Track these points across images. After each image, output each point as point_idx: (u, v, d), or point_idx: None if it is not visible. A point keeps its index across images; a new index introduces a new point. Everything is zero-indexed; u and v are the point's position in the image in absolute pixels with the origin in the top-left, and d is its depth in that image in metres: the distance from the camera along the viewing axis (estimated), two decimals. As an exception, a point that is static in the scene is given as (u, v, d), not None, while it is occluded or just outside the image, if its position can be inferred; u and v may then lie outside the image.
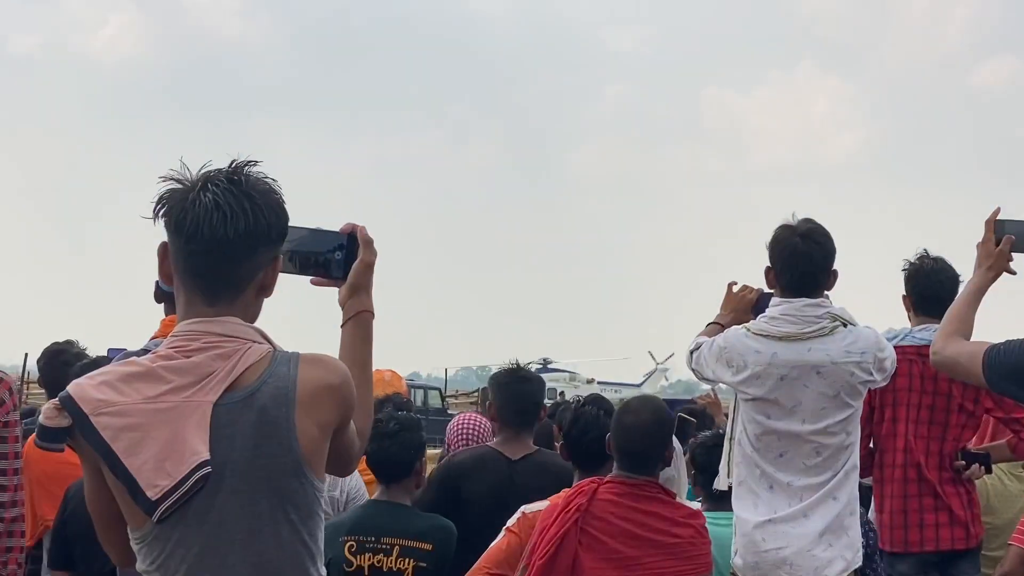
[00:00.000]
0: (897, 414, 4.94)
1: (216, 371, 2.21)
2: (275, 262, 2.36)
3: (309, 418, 2.23)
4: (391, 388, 6.93)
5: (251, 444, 2.20)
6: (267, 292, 2.37)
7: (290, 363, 2.26)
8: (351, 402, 2.35)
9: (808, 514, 4.01)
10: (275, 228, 2.30)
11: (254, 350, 2.25)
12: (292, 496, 2.24)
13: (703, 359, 4.25)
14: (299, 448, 2.22)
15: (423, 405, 33.54)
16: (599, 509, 3.61)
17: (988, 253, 3.67)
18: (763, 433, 4.08)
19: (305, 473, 2.24)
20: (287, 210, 2.35)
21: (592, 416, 4.22)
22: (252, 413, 2.20)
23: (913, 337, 4.96)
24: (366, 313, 2.62)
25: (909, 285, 5.14)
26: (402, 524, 4.18)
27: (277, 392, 2.22)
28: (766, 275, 4.21)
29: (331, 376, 2.30)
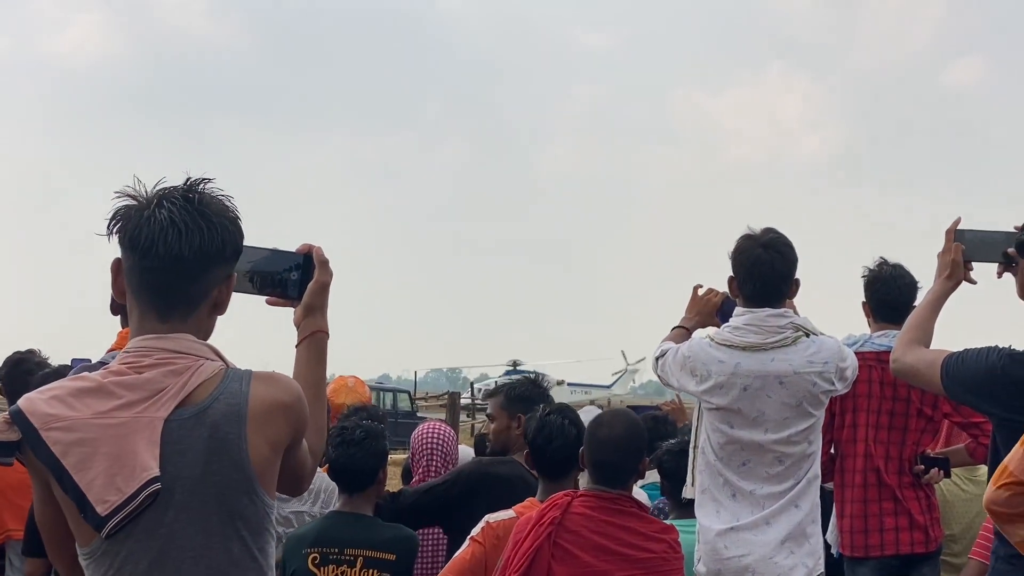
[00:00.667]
0: (857, 419, 4.98)
1: (168, 387, 2.21)
2: (229, 280, 2.36)
3: (261, 436, 2.24)
4: (354, 394, 6.88)
5: (202, 460, 2.20)
6: (220, 310, 2.37)
7: (242, 380, 2.27)
8: (303, 421, 2.35)
9: (770, 522, 4.04)
10: (229, 246, 2.31)
11: (207, 367, 2.26)
12: (243, 512, 2.24)
13: (668, 367, 4.26)
14: (250, 465, 2.22)
15: (392, 408, 33.50)
16: (573, 523, 3.61)
17: (947, 263, 3.69)
18: (726, 442, 4.10)
19: (256, 490, 2.24)
20: (242, 228, 2.35)
21: (557, 425, 4.21)
22: (203, 429, 2.20)
23: (872, 343, 4.99)
24: (320, 333, 2.63)
25: (868, 292, 5.18)
26: (365, 535, 4.17)
27: (229, 409, 2.22)
28: (729, 285, 4.23)
29: (284, 394, 2.30)
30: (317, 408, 2.55)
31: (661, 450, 4.89)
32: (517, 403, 4.69)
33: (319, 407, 2.57)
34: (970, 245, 3.66)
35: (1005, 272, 3.54)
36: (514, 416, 4.65)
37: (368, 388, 7.73)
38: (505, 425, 4.69)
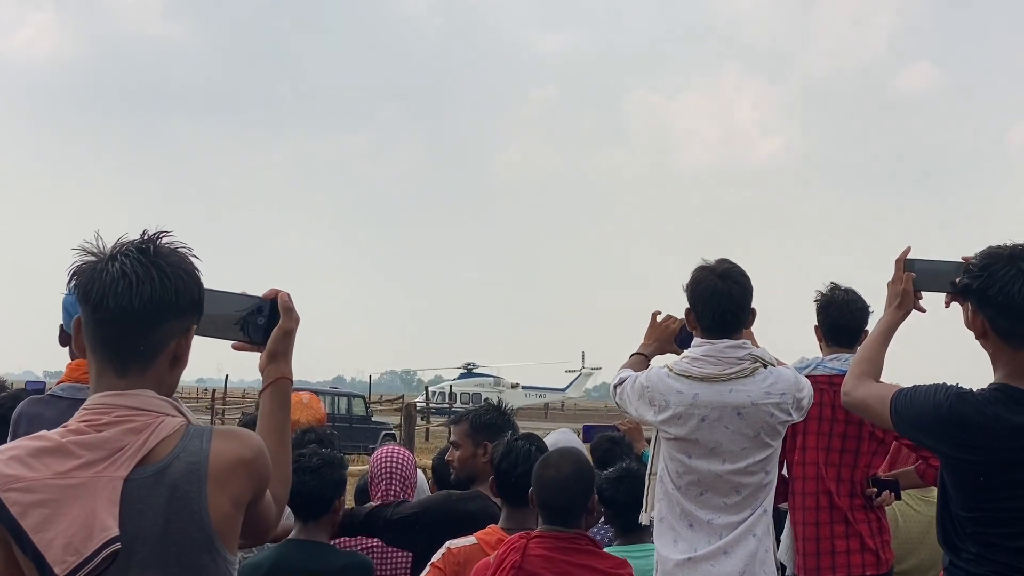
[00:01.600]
0: (807, 442, 5.03)
1: (127, 445, 2.19)
2: (188, 333, 2.34)
3: (222, 493, 2.23)
4: (309, 411, 6.87)
5: (162, 519, 2.19)
6: (181, 363, 2.35)
7: (203, 437, 2.25)
8: (265, 474, 2.34)
9: (728, 552, 4.05)
10: (184, 297, 2.29)
11: (167, 424, 2.24)
12: (203, 571, 2.23)
13: (626, 396, 4.27)
14: (211, 523, 2.21)
15: (347, 413, 33.37)
16: (532, 565, 3.61)
17: (898, 292, 3.71)
18: (684, 472, 4.11)
19: (217, 548, 2.23)
20: (199, 279, 2.34)
21: (523, 451, 4.21)
22: (163, 488, 2.19)
23: (824, 367, 5.04)
24: (284, 380, 2.62)
25: (820, 316, 5.24)
26: (320, 562, 4.16)
27: (189, 467, 2.21)
28: (687, 316, 4.24)
29: (245, 450, 2.29)
30: (281, 456, 2.55)
31: (599, 479, 4.88)
32: (483, 431, 4.69)
33: (283, 455, 2.57)
34: (919, 275, 3.70)
35: (953, 301, 3.59)
36: (479, 444, 4.65)
37: (322, 402, 7.72)
38: (471, 453, 4.69)
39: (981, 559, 3.26)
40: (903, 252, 3.75)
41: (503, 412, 4.83)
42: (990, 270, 3.26)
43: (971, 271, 3.34)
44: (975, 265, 3.32)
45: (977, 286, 3.28)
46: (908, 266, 3.72)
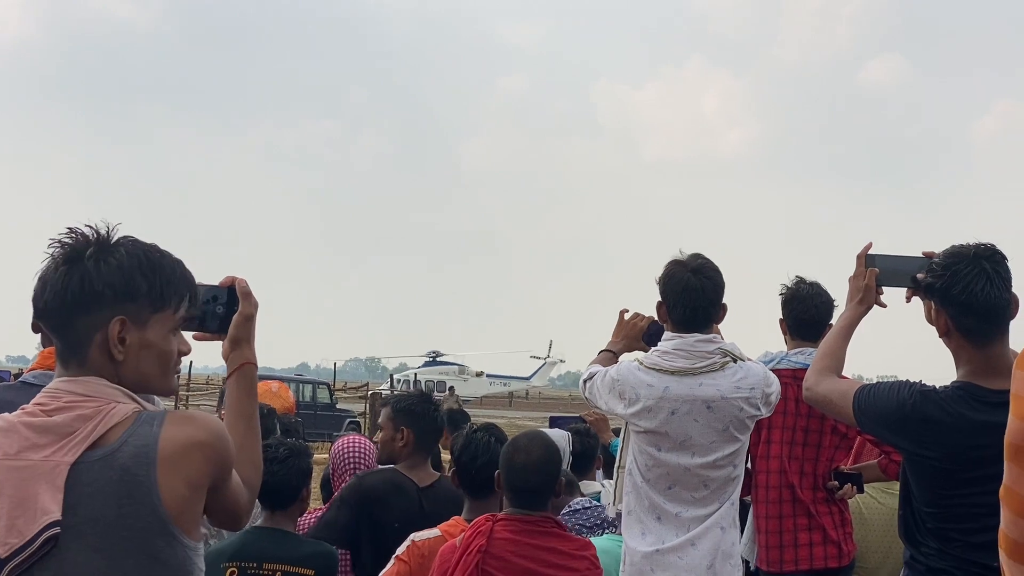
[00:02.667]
0: (771, 436, 5.07)
1: (77, 431, 2.21)
2: (116, 324, 2.31)
3: (175, 476, 2.22)
4: (278, 400, 6.87)
5: (113, 503, 2.19)
6: (118, 353, 2.32)
7: (154, 422, 2.25)
8: (226, 458, 2.34)
9: (696, 543, 4.08)
10: (106, 295, 2.29)
11: (118, 410, 2.25)
12: (159, 555, 2.22)
13: (596, 389, 4.28)
14: (163, 507, 2.20)
15: (312, 400, 33.30)
16: (498, 548, 3.62)
17: (859, 287, 3.74)
18: (653, 465, 4.13)
19: (173, 532, 2.22)
20: (134, 268, 2.33)
21: (483, 443, 4.24)
22: (113, 472, 2.19)
23: (788, 360, 5.08)
24: (248, 365, 2.64)
25: (785, 310, 5.27)
26: (284, 550, 4.16)
27: (138, 451, 2.21)
28: (658, 310, 4.26)
29: (200, 433, 2.28)
30: (251, 441, 2.57)
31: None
32: (402, 416, 4.80)
33: (253, 440, 2.58)
34: (880, 270, 3.73)
35: (913, 297, 3.62)
36: (398, 428, 4.77)
37: (291, 392, 7.72)
38: (390, 436, 4.81)
39: (941, 554, 3.29)
40: (864, 248, 3.77)
41: (427, 399, 4.92)
42: (953, 269, 3.28)
43: (934, 270, 3.35)
44: (939, 264, 3.34)
45: (940, 285, 3.31)
46: (869, 262, 3.73)
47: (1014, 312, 3.29)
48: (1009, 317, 3.29)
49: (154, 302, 2.35)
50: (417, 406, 4.83)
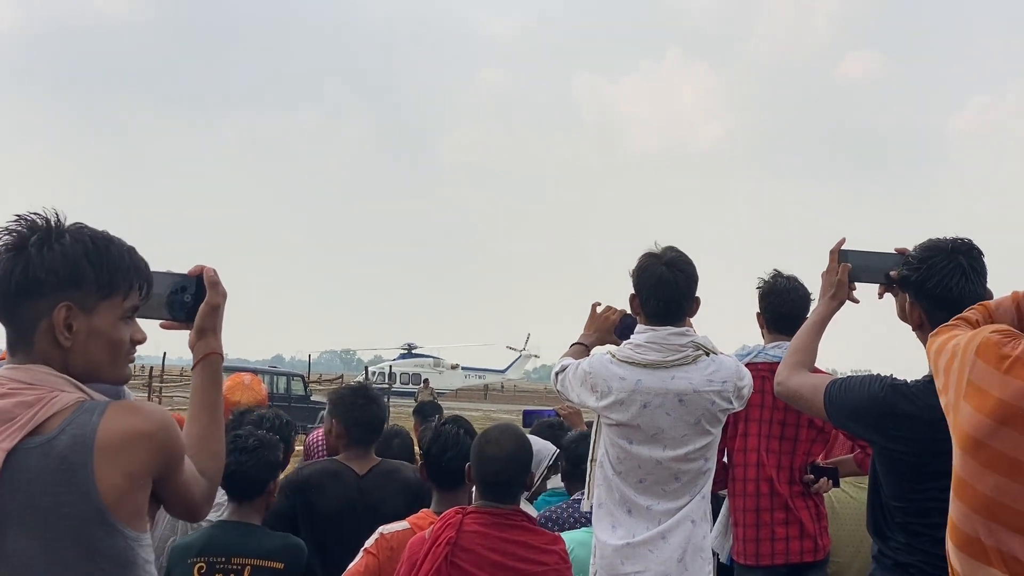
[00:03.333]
0: (749, 429, 5.06)
1: (17, 417, 2.20)
2: (61, 310, 2.29)
3: (113, 466, 2.20)
4: (250, 392, 6.82)
5: (50, 491, 2.17)
6: (64, 340, 2.31)
7: (95, 412, 2.24)
8: (171, 449, 2.32)
9: (666, 537, 4.07)
10: (50, 283, 2.28)
11: (60, 398, 2.24)
12: (98, 546, 2.21)
13: (568, 382, 4.27)
14: (99, 497, 2.19)
15: (286, 392, 33.27)
16: (467, 541, 3.60)
17: (832, 282, 3.73)
18: (625, 458, 4.12)
19: (112, 523, 2.21)
20: (79, 255, 2.31)
21: (452, 435, 4.22)
22: (50, 460, 2.18)
23: (766, 354, 5.07)
24: (214, 355, 2.63)
25: (763, 303, 5.27)
26: (253, 544, 4.13)
27: (75, 440, 2.19)
28: (631, 302, 4.24)
29: (143, 424, 2.26)
30: (213, 431, 2.56)
31: (564, 443, 5.11)
32: (335, 408, 4.90)
33: (215, 430, 2.57)
34: (853, 266, 3.72)
35: (886, 292, 3.61)
36: (331, 419, 4.88)
37: (263, 383, 7.65)
38: (328, 428, 4.92)
39: (909, 548, 3.29)
40: (838, 243, 3.77)
41: (360, 391, 4.94)
42: (929, 263, 3.28)
43: (910, 263, 3.35)
44: (914, 257, 3.34)
45: (916, 278, 3.30)
46: (842, 257, 3.74)
47: None
48: None
49: (101, 289, 2.33)
50: (348, 398, 4.87)
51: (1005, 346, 2.48)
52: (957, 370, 2.55)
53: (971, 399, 2.49)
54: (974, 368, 2.52)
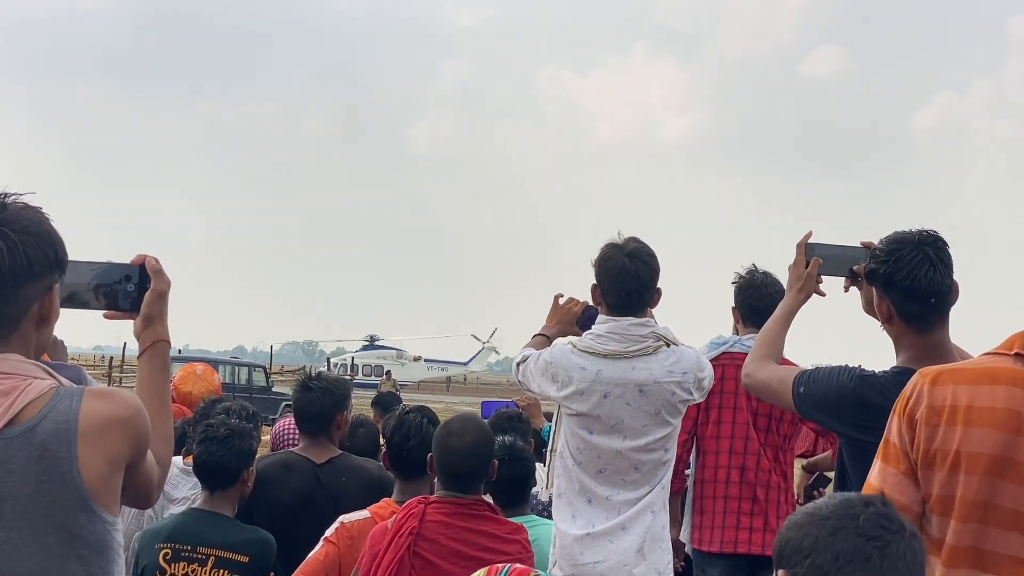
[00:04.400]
0: (723, 417, 5.08)
1: None
2: (49, 292, 2.32)
3: (95, 452, 2.21)
4: (203, 382, 6.79)
5: (32, 480, 2.17)
6: (47, 323, 2.35)
7: (73, 398, 2.23)
8: (144, 434, 2.33)
9: (626, 527, 4.08)
10: (38, 262, 2.28)
11: (35, 386, 2.23)
12: (79, 532, 2.22)
13: (529, 372, 4.27)
14: (83, 483, 2.20)
15: (247, 383, 33.18)
16: (430, 531, 3.59)
17: (799, 275, 3.73)
18: (585, 448, 4.12)
19: (93, 508, 2.22)
20: (52, 237, 2.31)
21: (415, 424, 4.19)
22: (32, 448, 2.18)
23: (742, 344, 5.11)
24: (161, 342, 2.63)
25: (739, 298, 5.31)
26: (220, 535, 4.12)
27: (58, 427, 2.19)
28: (592, 292, 4.24)
29: (120, 409, 2.27)
30: (162, 418, 2.56)
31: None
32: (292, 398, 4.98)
33: (164, 417, 2.58)
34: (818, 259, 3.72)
35: (852, 286, 3.61)
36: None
37: (217, 373, 7.59)
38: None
39: None
40: (804, 236, 3.78)
41: (305, 382, 4.90)
42: (897, 255, 3.27)
43: (878, 256, 3.35)
44: (882, 250, 3.33)
45: (884, 271, 3.29)
46: (809, 250, 3.74)
47: (955, 298, 3.30)
48: (951, 303, 3.29)
49: (60, 266, 2.35)
50: (296, 387, 4.87)
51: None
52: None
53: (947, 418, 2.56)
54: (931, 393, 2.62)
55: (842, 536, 1.78)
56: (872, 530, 1.80)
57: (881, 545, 1.78)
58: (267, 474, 4.61)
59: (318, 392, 4.75)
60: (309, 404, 4.72)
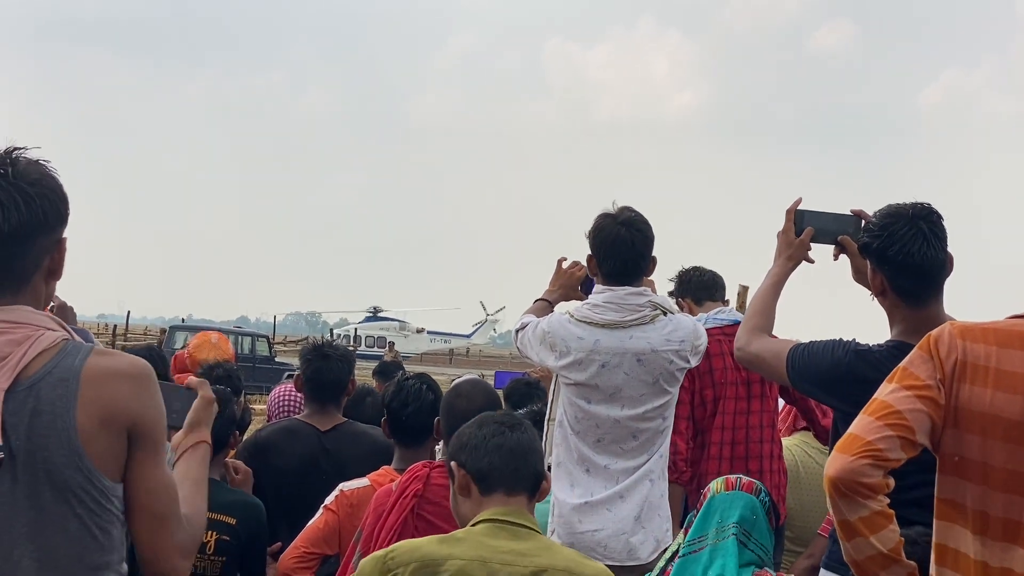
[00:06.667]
0: (718, 392, 5.06)
1: (8, 356, 2.19)
2: (59, 245, 2.33)
3: (93, 411, 2.20)
4: (217, 350, 6.84)
5: (32, 434, 2.18)
6: (56, 275, 2.36)
7: (78, 354, 2.24)
8: (151, 403, 2.30)
9: (624, 496, 4.10)
10: (51, 215, 2.28)
11: (46, 337, 2.23)
12: (76, 489, 2.21)
13: (527, 340, 4.29)
14: (78, 441, 2.19)
15: (251, 353, 33.12)
16: (433, 494, 3.61)
17: (788, 243, 3.71)
18: (583, 417, 4.14)
19: (87, 467, 2.21)
20: (63, 191, 2.32)
21: (414, 389, 4.21)
22: (34, 402, 2.18)
23: (714, 319, 5.10)
24: (203, 444, 2.62)
25: (682, 288, 5.43)
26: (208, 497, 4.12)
27: (59, 383, 2.19)
28: (588, 263, 4.26)
29: (126, 367, 2.27)
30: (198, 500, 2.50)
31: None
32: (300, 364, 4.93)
33: (200, 498, 2.52)
34: (810, 226, 3.71)
35: (841, 254, 3.61)
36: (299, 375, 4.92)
37: (231, 343, 7.67)
38: (296, 383, 4.97)
39: None
40: (794, 203, 3.74)
41: (317, 348, 4.95)
42: (891, 229, 3.26)
43: (871, 230, 3.33)
44: (875, 224, 3.32)
45: (877, 245, 3.29)
46: (798, 217, 3.71)
47: (949, 271, 3.29)
48: (944, 276, 3.29)
49: (67, 218, 2.35)
50: (307, 354, 4.86)
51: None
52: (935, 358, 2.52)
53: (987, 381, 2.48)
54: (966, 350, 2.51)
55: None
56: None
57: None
58: (272, 441, 4.64)
59: (336, 360, 4.78)
60: (328, 372, 4.73)
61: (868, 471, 2.41)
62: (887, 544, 2.42)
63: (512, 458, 2.84)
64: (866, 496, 2.41)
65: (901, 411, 2.45)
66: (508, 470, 2.83)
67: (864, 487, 2.41)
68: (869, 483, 2.41)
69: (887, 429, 2.44)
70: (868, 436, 2.44)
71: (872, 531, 2.42)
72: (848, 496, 2.42)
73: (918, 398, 2.47)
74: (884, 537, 2.42)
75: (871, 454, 2.42)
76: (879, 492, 2.42)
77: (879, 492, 2.42)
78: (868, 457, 2.42)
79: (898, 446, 2.43)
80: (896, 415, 2.45)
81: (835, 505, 2.44)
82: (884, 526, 2.42)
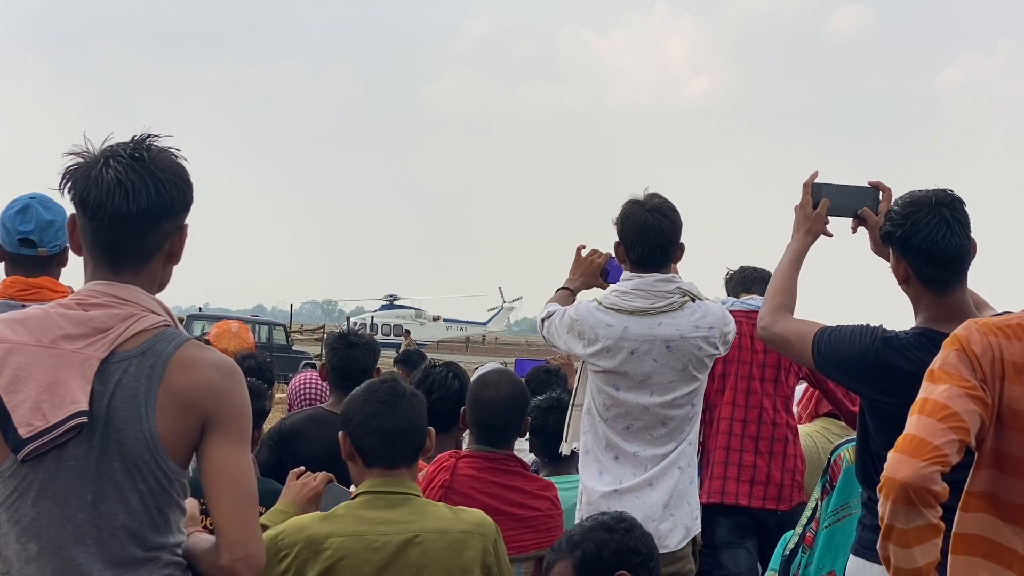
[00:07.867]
0: (728, 370, 5.04)
1: (111, 328, 2.29)
2: (182, 231, 2.44)
3: (174, 394, 2.30)
4: (237, 339, 6.88)
5: (112, 406, 2.28)
6: (175, 259, 2.48)
7: (172, 341, 2.34)
8: (232, 393, 2.38)
9: (653, 484, 4.10)
10: (178, 200, 2.40)
11: (149, 319, 2.34)
12: (142, 466, 2.30)
13: (554, 329, 4.27)
14: (153, 420, 2.29)
15: (267, 342, 33.24)
16: (461, 485, 3.63)
17: (806, 216, 3.67)
18: (612, 404, 4.13)
19: (157, 448, 2.30)
20: (191, 179, 2.43)
21: (440, 377, 4.23)
22: (121, 376, 2.28)
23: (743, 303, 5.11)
24: None
25: (731, 284, 5.43)
26: None
27: (148, 363, 2.29)
28: (615, 250, 4.24)
29: (214, 359, 2.39)
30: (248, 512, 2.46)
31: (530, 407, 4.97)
32: (326, 351, 5.03)
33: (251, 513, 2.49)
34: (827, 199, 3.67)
35: (859, 227, 3.59)
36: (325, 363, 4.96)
37: (250, 332, 7.73)
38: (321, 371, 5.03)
39: None
40: (811, 176, 3.70)
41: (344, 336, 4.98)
42: (913, 218, 3.24)
43: (893, 218, 3.32)
44: (898, 212, 3.30)
45: (900, 234, 3.27)
46: (816, 190, 3.67)
47: (972, 256, 3.28)
48: (968, 262, 3.29)
49: (188, 210, 2.46)
50: (335, 341, 4.90)
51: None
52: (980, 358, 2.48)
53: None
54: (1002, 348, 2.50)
55: None
56: None
57: None
58: (297, 429, 4.65)
59: (363, 348, 4.80)
60: (354, 360, 4.74)
61: (938, 479, 2.34)
62: (927, 558, 2.37)
63: (390, 440, 3.01)
64: (929, 505, 2.34)
65: (959, 412, 2.40)
66: (384, 450, 3.01)
67: (932, 495, 2.34)
68: (937, 491, 2.34)
69: (950, 432, 2.37)
70: (935, 440, 2.36)
71: (920, 542, 2.36)
72: (914, 505, 2.33)
73: (971, 398, 2.43)
74: (926, 551, 2.37)
75: (940, 460, 2.34)
76: (941, 501, 2.35)
77: (941, 501, 2.35)
78: (939, 463, 2.34)
79: (956, 450, 2.38)
80: (955, 417, 2.39)
81: (894, 511, 2.35)
82: (931, 538, 2.36)
